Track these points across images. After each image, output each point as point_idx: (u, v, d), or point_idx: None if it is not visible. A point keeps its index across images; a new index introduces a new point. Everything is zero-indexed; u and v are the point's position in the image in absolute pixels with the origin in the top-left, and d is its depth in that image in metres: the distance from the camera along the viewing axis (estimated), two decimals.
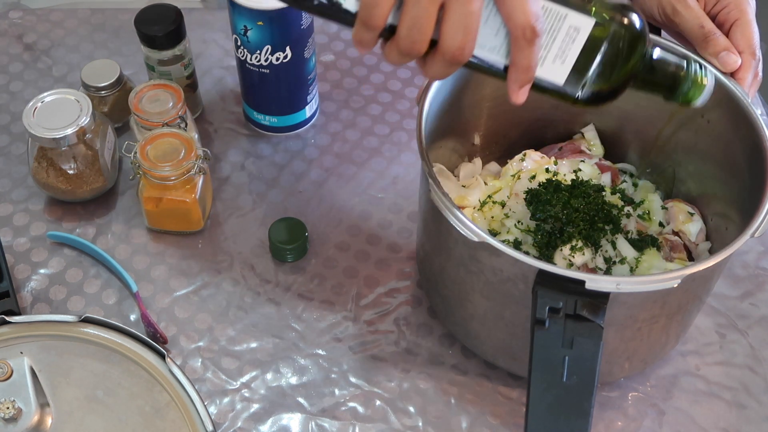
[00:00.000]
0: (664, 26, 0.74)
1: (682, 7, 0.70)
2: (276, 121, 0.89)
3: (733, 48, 0.69)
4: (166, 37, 0.84)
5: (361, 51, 0.54)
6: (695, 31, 0.70)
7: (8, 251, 0.80)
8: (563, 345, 0.57)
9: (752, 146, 0.67)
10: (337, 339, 0.76)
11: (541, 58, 0.55)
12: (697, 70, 0.59)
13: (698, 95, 0.59)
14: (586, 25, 0.54)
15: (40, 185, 0.82)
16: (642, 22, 0.55)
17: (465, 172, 0.80)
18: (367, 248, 0.82)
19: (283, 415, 0.71)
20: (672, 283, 0.58)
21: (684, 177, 0.78)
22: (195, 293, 0.78)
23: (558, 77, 0.55)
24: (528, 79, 0.54)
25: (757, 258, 0.82)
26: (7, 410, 0.60)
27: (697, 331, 0.77)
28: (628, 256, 0.71)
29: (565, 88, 0.56)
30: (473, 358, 0.74)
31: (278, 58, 0.82)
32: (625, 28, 0.55)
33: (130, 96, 0.81)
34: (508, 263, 0.61)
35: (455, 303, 0.71)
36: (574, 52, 0.54)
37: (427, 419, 0.71)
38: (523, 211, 0.73)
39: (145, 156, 0.77)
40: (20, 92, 0.94)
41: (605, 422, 0.72)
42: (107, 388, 0.63)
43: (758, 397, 0.73)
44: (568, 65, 0.55)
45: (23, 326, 0.66)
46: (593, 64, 0.55)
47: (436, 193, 0.62)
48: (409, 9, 0.50)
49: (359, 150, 0.89)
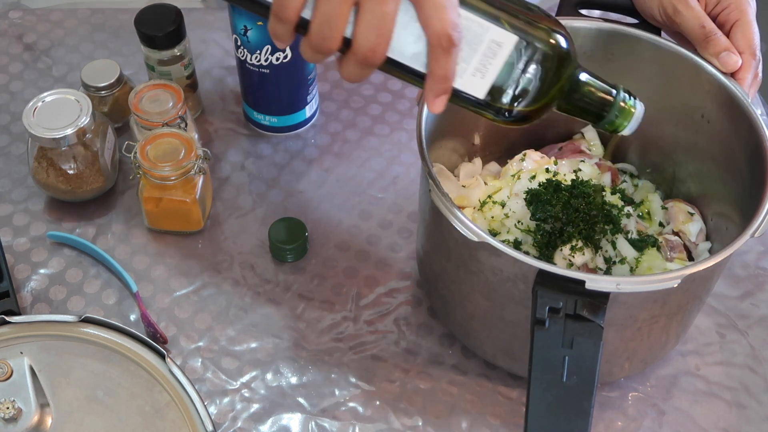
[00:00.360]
0: (664, 26, 0.74)
1: (683, 7, 0.70)
2: (276, 121, 0.89)
3: (734, 48, 0.69)
4: (166, 37, 0.84)
5: (279, 45, 0.54)
6: (696, 31, 0.70)
7: (8, 251, 0.80)
8: (563, 345, 0.57)
9: (752, 146, 0.67)
10: (337, 339, 0.76)
11: (461, 69, 0.54)
12: (626, 98, 0.58)
13: (626, 123, 0.59)
14: (508, 41, 0.53)
15: (40, 185, 0.82)
16: (569, 43, 0.55)
17: (465, 172, 0.80)
18: (367, 248, 0.82)
19: (283, 415, 0.71)
20: (672, 283, 0.58)
21: (684, 177, 0.78)
22: (195, 293, 0.78)
23: (478, 91, 0.54)
24: (444, 89, 0.53)
25: (757, 258, 0.82)
26: (7, 410, 0.60)
27: (697, 331, 0.77)
28: (628, 256, 0.71)
29: (485, 104, 0.55)
30: (473, 358, 0.74)
31: (278, 58, 0.82)
32: (550, 48, 0.54)
33: (130, 96, 0.81)
34: (508, 263, 0.61)
35: (455, 303, 0.71)
36: (495, 67, 0.53)
37: (427, 419, 0.71)
38: (523, 211, 0.73)
39: (145, 156, 0.77)
40: (20, 92, 0.94)
41: (605, 422, 0.72)
42: (107, 388, 0.63)
43: (758, 397, 0.73)
44: (489, 80, 0.54)
45: (23, 326, 0.66)
46: (515, 81, 0.54)
47: (436, 193, 0.62)
48: (321, 5, 0.51)
49: (359, 150, 0.89)
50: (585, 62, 0.76)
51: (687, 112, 0.74)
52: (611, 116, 0.58)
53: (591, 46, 0.75)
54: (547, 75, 0.54)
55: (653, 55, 0.73)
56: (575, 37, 0.74)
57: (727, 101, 0.69)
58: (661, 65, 0.73)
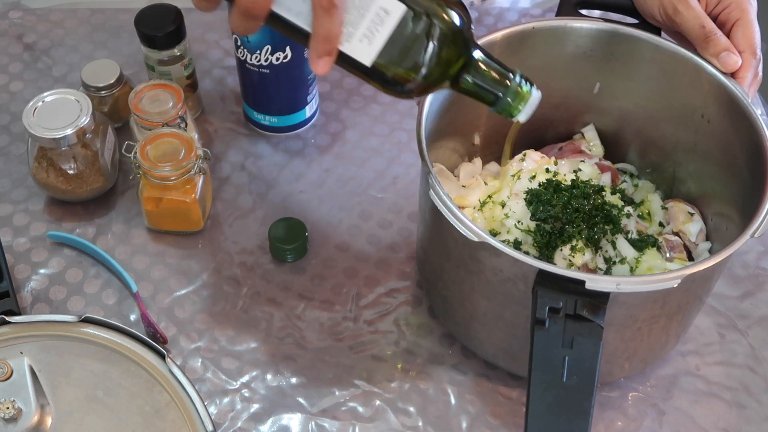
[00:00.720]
0: (664, 26, 0.74)
1: (683, 7, 0.70)
2: (276, 121, 0.89)
3: (734, 48, 0.69)
4: (166, 37, 0.84)
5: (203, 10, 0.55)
6: (696, 31, 0.70)
7: (8, 251, 0.80)
8: (563, 345, 0.57)
9: (752, 146, 0.67)
10: (337, 339, 0.76)
11: (348, 33, 0.53)
12: (522, 83, 0.57)
13: (521, 107, 0.58)
14: (396, 10, 0.52)
15: (40, 185, 0.82)
16: (462, 20, 0.54)
17: (465, 172, 0.80)
18: (367, 248, 0.82)
19: (283, 415, 0.71)
20: (672, 283, 0.58)
21: (684, 177, 0.78)
22: (195, 293, 0.78)
23: (364, 57, 0.54)
24: (327, 50, 0.53)
25: (757, 258, 0.82)
26: (7, 410, 0.60)
27: (697, 331, 0.77)
28: (628, 256, 0.71)
29: (373, 72, 0.54)
30: (473, 358, 0.74)
31: (278, 58, 0.82)
32: (441, 23, 0.53)
33: (130, 96, 0.81)
34: (508, 263, 0.61)
35: (455, 303, 0.71)
36: (383, 35, 0.53)
37: (427, 419, 0.71)
38: (523, 211, 0.73)
39: (145, 156, 0.77)
40: (20, 92, 0.94)
41: (605, 422, 0.72)
42: (107, 388, 0.63)
43: (758, 397, 0.73)
44: (376, 48, 0.53)
45: (23, 326, 0.66)
46: (403, 52, 0.53)
47: (436, 193, 0.62)
48: None
49: (359, 150, 0.89)
50: (585, 62, 0.76)
51: (687, 112, 0.74)
52: (506, 99, 0.57)
53: (591, 46, 0.75)
54: (437, 50, 0.53)
55: (653, 55, 0.73)
56: (575, 37, 0.75)
57: (727, 101, 0.69)
58: (661, 65, 0.73)
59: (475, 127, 0.80)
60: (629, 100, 0.78)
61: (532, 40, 0.74)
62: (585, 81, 0.78)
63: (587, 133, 0.81)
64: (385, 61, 0.54)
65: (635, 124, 0.79)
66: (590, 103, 0.79)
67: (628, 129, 0.80)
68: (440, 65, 0.54)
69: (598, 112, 0.80)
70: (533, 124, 0.81)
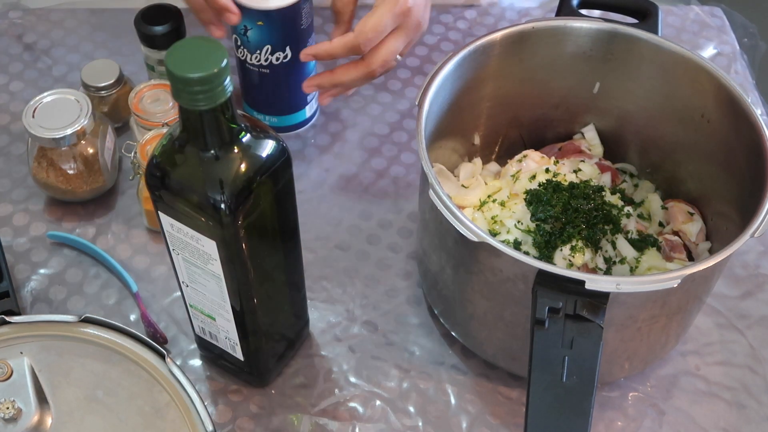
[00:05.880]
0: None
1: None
2: (276, 121, 0.89)
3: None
4: (166, 37, 0.84)
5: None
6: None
7: (8, 251, 0.80)
8: (563, 345, 0.57)
9: (752, 146, 0.67)
10: (337, 339, 0.76)
11: None
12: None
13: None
14: None
15: (40, 185, 0.82)
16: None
17: (465, 172, 0.80)
18: (367, 248, 0.82)
19: (283, 415, 0.71)
20: (672, 283, 0.58)
21: (684, 177, 0.78)
22: None
23: None
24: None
25: (757, 258, 0.82)
26: (7, 410, 0.60)
27: (697, 331, 0.77)
28: (628, 256, 0.71)
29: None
30: (473, 358, 0.74)
31: (278, 58, 0.82)
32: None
33: (130, 96, 0.81)
34: (508, 263, 0.61)
35: (455, 303, 0.71)
36: None
37: (427, 419, 0.71)
38: (523, 211, 0.73)
39: (145, 156, 0.77)
40: (20, 92, 0.94)
41: (605, 422, 0.72)
42: (107, 388, 0.63)
43: (758, 397, 0.73)
44: None
45: (23, 326, 0.66)
46: None
47: (435, 193, 0.62)
48: None
49: (359, 150, 0.89)
50: (585, 62, 0.76)
51: (687, 112, 0.74)
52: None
53: (591, 46, 0.75)
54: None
55: (653, 55, 0.73)
56: (575, 37, 0.75)
57: (727, 101, 0.69)
58: (661, 65, 0.73)
59: (475, 127, 0.80)
60: (629, 100, 0.78)
61: (532, 40, 0.74)
62: (585, 81, 0.78)
63: (587, 133, 0.81)
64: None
65: (635, 124, 0.79)
66: (590, 103, 0.79)
67: (628, 129, 0.80)
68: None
69: (598, 112, 0.80)
70: (533, 124, 0.82)
